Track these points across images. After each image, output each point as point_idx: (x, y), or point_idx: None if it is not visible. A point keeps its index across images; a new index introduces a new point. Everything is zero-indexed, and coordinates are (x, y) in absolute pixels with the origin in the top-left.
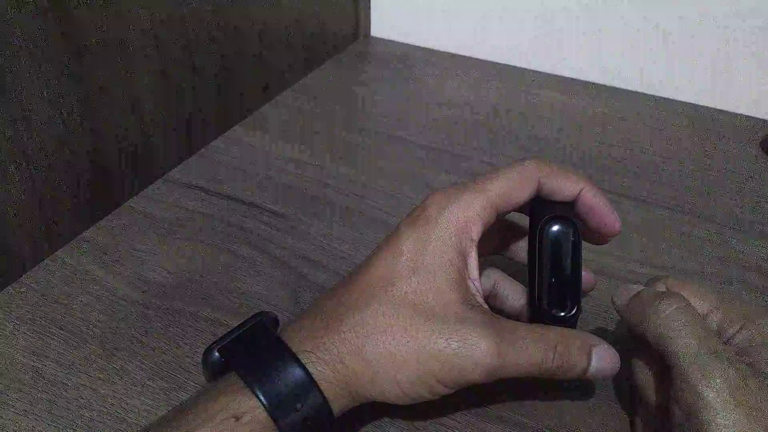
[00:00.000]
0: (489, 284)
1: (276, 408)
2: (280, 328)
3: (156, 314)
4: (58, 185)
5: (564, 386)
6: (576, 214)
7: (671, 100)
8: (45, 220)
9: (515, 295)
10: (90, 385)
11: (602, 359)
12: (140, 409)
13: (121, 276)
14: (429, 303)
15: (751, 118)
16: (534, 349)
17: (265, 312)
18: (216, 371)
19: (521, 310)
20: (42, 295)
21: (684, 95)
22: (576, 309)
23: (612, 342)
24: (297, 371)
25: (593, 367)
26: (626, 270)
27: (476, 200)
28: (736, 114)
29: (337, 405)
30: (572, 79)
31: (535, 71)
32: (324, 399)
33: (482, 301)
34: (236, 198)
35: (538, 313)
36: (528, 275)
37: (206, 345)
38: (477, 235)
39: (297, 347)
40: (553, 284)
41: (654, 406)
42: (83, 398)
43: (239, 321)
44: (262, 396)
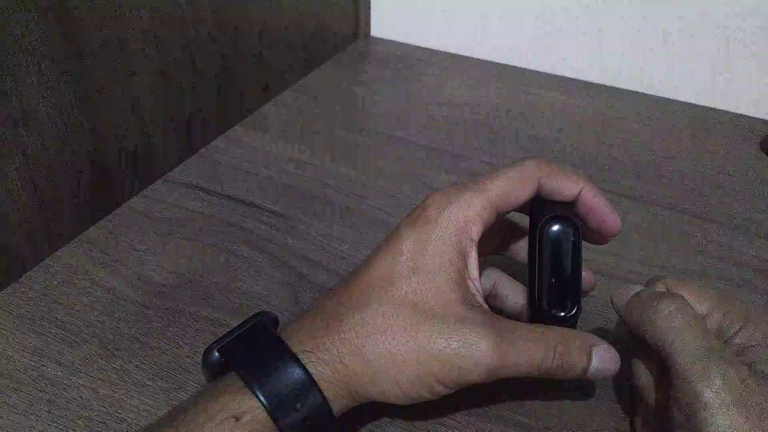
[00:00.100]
0: (489, 284)
1: (276, 408)
2: (280, 328)
3: (156, 314)
4: (58, 185)
5: (564, 386)
6: (576, 214)
7: (671, 100)
8: (45, 220)
9: (515, 295)
10: (90, 385)
11: (602, 359)
12: (140, 409)
13: (121, 276)
14: (429, 303)
15: (751, 118)
16: (534, 349)
17: (265, 312)
18: (216, 371)
19: (521, 310)
20: (42, 295)
21: (684, 95)
22: (576, 309)
23: (612, 342)
24: (297, 371)
25: (593, 367)
26: (626, 270)
27: (476, 200)
28: (736, 114)
29: (337, 405)
30: (572, 79)
31: (535, 71)
32: (324, 399)
33: (482, 301)
34: (236, 198)
35: (538, 313)
36: (528, 275)
37: (206, 345)
38: (477, 235)
39: (297, 347)
40: (553, 284)
41: (654, 407)
42: (83, 398)
43: (239, 321)
44: (262, 396)
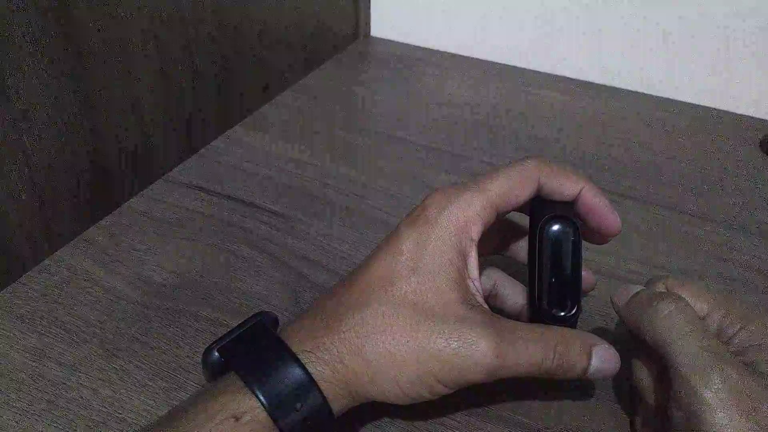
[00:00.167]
0: (489, 284)
1: (276, 408)
2: (280, 328)
3: (156, 314)
4: (58, 185)
5: (564, 386)
6: (576, 214)
7: (671, 100)
8: (45, 220)
9: (515, 295)
10: (90, 385)
11: (602, 359)
12: (140, 409)
13: (121, 276)
14: (429, 303)
15: (751, 118)
16: (534, 349)
17: (265, 312)
18: (216, 371)
19: (521, 310)
20: (42, 295)
21: (684, 95)
22: (576, 309)
23: (612, 342)
24: (297, 371)
25: (593, 367)
26: (626, 270)
27: (476, 200)
28: (736, 114)
29: (337, 405)
30: (572, 79)
31: (535, 71)
32: (324, 399)
33: (482, 301)
34: (236, 198)
35: (538, 313)
36: (528, 275)
37: (206, 345)
38: (477, 235)
39: (297, 347)
40: (553, 284)
41: (654, 407)
42: (83, 398)
43: (239, 321)
44: (262, 396)
